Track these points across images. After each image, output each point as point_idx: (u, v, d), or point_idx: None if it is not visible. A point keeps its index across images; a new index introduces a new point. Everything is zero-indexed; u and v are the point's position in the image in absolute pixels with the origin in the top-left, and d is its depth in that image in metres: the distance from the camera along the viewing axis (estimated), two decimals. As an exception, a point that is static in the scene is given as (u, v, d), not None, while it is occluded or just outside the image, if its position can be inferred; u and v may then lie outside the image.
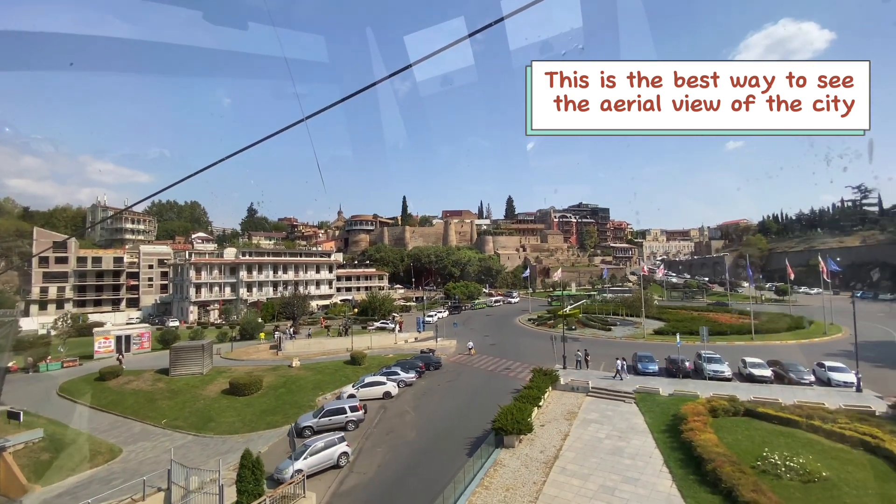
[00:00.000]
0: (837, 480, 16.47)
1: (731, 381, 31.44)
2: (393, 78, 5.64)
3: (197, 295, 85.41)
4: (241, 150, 6.46)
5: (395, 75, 5.70)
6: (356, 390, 31.98)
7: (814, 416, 21.76)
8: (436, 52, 5.13)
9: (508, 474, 18.91)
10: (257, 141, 6.32)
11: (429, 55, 5.26)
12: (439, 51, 5.09)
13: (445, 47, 5.10)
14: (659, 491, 16.90)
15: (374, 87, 5.50)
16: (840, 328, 55.40)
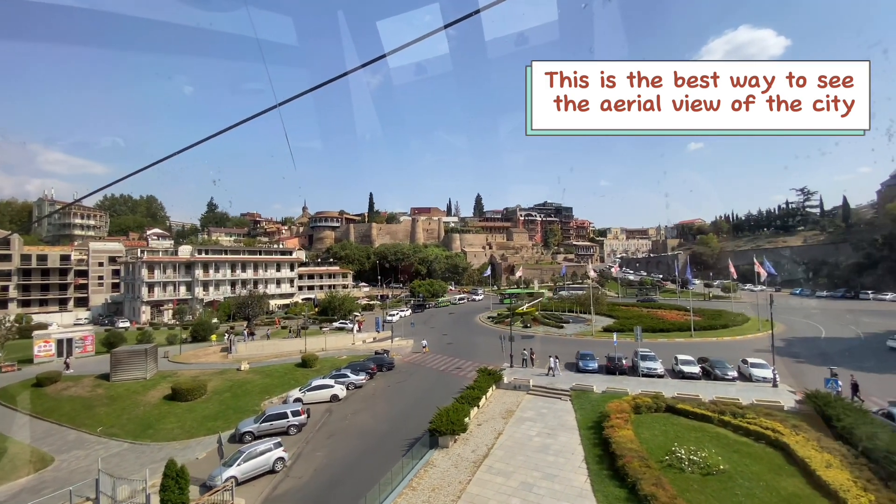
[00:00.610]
0: (734, 473, 17.98)
1: (664, 377, 33.31)
2: (365, 69, 5.52)
3: (150, 294, 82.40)
4: (205, 140, 5.99)
5: (368, 65, 5.49)
6: (303, 394, 31.98)
7: (726, 411, 23.50)
8: (408, 43, 4.93)
9: (437, 474, 19.59)
10: (223, 130, 5.90)
11: (401, 46, 5.09)
12: (412, 42, 4.88)
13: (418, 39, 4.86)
14: (574, 486, 17.96)
15: (346, 77, 5.32)
16: (775, 323, 59.20)
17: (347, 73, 5.37)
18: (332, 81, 5.32)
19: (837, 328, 55.61)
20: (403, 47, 5.14)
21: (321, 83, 5.35)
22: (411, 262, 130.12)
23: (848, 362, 36.96)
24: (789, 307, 78.06)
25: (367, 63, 5.34)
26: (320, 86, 5.35)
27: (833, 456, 18.29)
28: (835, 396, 23.66)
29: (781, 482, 17.23)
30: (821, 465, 17.34)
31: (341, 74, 5.33)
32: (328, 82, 5.33)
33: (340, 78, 5.30)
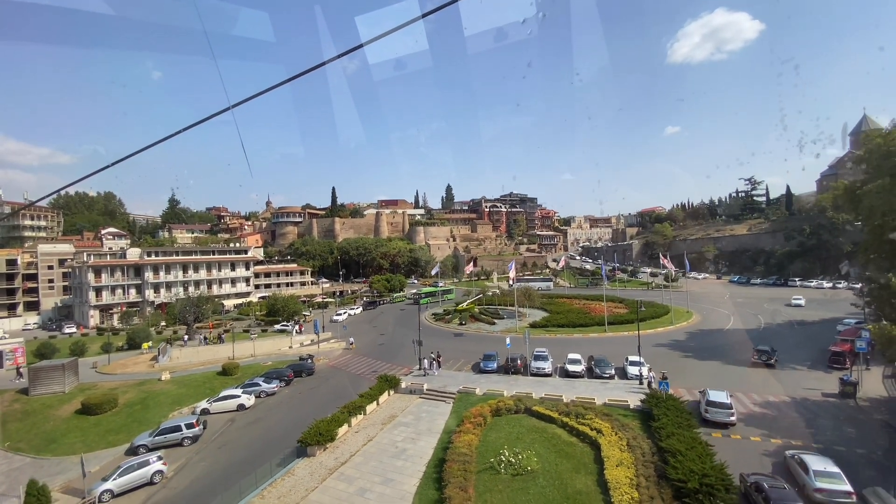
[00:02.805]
0: (541, 472, 20.68)
1: (551, 376, 36.20)
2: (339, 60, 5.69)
3: (98, 298, 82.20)
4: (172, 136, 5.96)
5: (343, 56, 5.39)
6: (210, 405, 33.85)
7: (571, 412, 26.29)
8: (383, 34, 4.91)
9: (291, 483, 21.84)
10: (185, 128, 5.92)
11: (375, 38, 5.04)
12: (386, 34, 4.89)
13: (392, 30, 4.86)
14: (402, 490, 20.42)
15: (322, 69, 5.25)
16: (691, 314, 63.25)
17: (322, 65, 5.24)
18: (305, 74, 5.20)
19: (748, 318, 59.73)
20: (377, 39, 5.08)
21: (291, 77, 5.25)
22: (373, 256, 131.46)
23: (721, 356, 40.62)
24: (719, 295, 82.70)
25: (341, 55, 5.31)
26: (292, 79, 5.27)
27: (632, 454, 21.17)
28: (666, 395, 26.72)
29: (577, 480, 19.99)
30: (612, 465, 20.16)
31: (314, 67, 5.20)
32: (299, 75, 5.22)
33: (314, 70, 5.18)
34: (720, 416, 25.81)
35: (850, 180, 47.38)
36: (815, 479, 18.51)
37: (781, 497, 17.06)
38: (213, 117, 5.70)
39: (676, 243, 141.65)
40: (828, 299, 70.01)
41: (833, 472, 18.67)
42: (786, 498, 17.05)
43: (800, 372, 36.04)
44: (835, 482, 18.28)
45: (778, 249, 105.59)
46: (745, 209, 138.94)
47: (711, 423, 25.98)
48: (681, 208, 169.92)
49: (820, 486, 18.24)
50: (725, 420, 25.79)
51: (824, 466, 19.05)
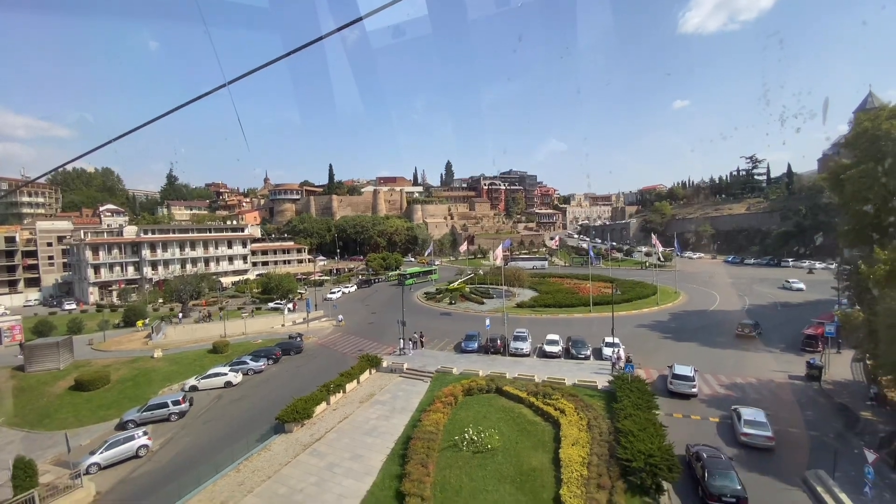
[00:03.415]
0: (500, 450, 21.75)
1: (529, 357, 37.21)
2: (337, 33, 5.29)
3: (96, 276, 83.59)
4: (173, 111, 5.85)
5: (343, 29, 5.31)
6: (198, 382, 35.15)
7: (540, 392, 27.28)
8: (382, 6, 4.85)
9: (267, 457, 23.06)
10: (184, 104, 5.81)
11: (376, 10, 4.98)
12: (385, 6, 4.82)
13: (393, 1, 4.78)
14: (370, 465, 21.57)
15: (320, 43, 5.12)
16: (679, 294, 63.96)
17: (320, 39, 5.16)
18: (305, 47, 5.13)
19: (734, 299, 60.44)
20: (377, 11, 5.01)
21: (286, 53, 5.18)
22: (370, 234, 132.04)
23: (699, 338, 41.42)
24: (711, 275, 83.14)
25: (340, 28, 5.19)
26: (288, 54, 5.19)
27: (589, 434, 22.18)
28: (632, 378, 27.63)
29: (533, 458, 21.06)
30: (567, 444, 21.17)
31: (312, 41, 5.11)
32: (298, 49, 5.16)
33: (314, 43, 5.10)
34: (683, 387, 28.39)
35: (838, 163, 47.06)
36: (744, 426, 22.62)
37: (715, 464, 18.86)
38: (211, 93, 5.72)
39: (674, 222, 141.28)
40: (822, 281, 70.39)
41: (760, 422, 22.62)
42: (718, 465, 18.86)
43: (773, 354, 36.87)
44: (759, 429, 22.28)
45: (774, 230, 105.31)
46: (745, 188, 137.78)
47: (676, 394, 28.53)
48: (681, 186, 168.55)
49: (746, 430, 22.39)
50: (687, 391, 28.29)
51: (754, 416, 23.00)
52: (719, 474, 18.27)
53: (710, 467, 18.69)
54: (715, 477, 18.21)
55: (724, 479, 18.08)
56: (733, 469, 18.72)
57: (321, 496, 19.18)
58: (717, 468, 18.60)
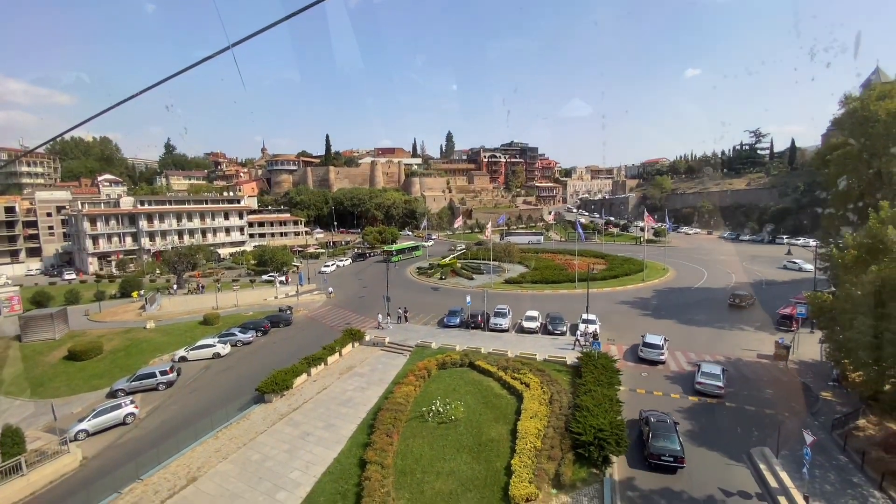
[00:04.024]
0: (464, 421, 22.88)
1: (508, 332, 38.17)
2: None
3: (95, 246, 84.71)
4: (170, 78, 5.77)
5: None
6: (187, 353, 36.46)
7: (510, 367, 28.31)
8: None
9: (245, 426, 24.37)
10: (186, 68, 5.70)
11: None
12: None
13: None
14: (340, 434, 22.80)
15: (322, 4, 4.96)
16: (667, 270, 64.49)
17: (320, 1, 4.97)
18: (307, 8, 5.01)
19: (721, 276, 60.98)
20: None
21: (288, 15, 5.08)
22: (367, 207, 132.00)
23: (677, 315, 42.19)
24: (704, 251, 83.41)
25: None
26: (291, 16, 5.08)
27: (549, 408, 23.25)
28: (598, 354, 28.54)
29: (493, 429, 22.20)
30: (527, 416, 22.22)
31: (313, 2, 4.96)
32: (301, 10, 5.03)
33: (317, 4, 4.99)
34: (651, 354, 30.99)
35: (830, 141, 46.48)
36: (700, 376, 26.45)
37: (659, 427, 20.50)
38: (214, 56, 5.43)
39: (673, 197, 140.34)
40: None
41: (714, 374, 26.31)
42: (662, 428, 20.45)
43: (747, 332, 37.66)
44: (712, 380, 25.91)
45: (772, 206, 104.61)
46: (747, 163, 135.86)
47: (645, 360, 31.10)
48: (683, 160, 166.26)
49: (701, 380, 26.19)
50: (655, 358, 30.85)
51: (710, 370, 26.66)
52: (662, 436, 19.92)
53: (654, 430, 20.37)
54: (658, 438, 19.88)
55: (665, 441, 19.70)
56: (675, 432, 20.27)
57: (290, 462, 20.46)
58: (660, 431, 20.23)
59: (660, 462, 19.30)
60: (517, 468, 18.31)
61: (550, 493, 17.72)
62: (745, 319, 40.50)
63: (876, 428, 23.06)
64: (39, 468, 21.41)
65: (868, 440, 22.12)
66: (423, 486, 18.20)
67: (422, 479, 18.55)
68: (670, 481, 18.82)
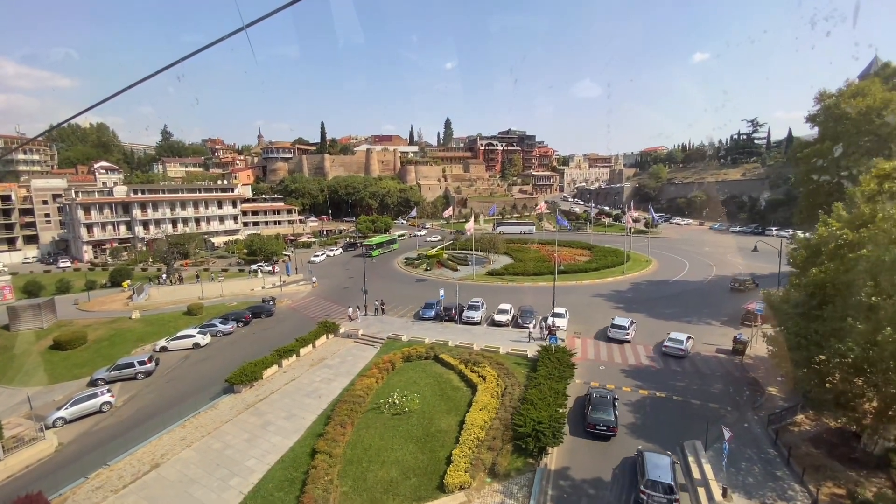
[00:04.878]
0: (417, 413, 24.05)
1: (480, 325, 39.20)
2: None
3: (89, 234, 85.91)
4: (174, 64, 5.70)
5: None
6: (168, 343, 37.77)
7: (470, 360, 29.37)
8: None
9: (212, 415, 25.65)
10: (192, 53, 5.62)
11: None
12: None
13: None
14: (299, 424, 24.04)
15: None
16: (650, 262, 65.21)
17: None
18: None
19: (702, 268, 61.69)
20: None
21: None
22: (362, 196, 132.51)
23: (648, 309, 43.05)
24: (692, 242, 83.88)
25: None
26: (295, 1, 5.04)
27: (500, 400, 24.38)
28: (556, 348, 29.59)
29: (443, 420, 23.37)
30: (476, 409, 23.36)
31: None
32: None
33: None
34: (618, 334, 34.74)
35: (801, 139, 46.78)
36: (667, 341, 32.61)
37: (598, 401, 23.34)
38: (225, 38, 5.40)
39: (668, 187, 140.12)
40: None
41: (679, 339, 32.38)
42: (601, 402, 23.25)
43: (712, 327, 38.56)
44: (677, 344, 32.08)
45: (765, 197, 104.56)
46: (743, 153, 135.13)
47: (613, 339, 34.90)
48: (681, 149, 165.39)
49: (667, 344, 32.28)
50: (621, 338, 34.61)
51: (677, 336, 32.90)
52: (599, 409, 22.71)
53: (594, 403, 23.23)
54: (596, 411, 22.64)
55: (602, 413, 22.48)
56: (612, 406, 23.11)
57: (249, 451, 21.73)
58: (599, 404, 23.05)
59: (595, 431, 22.12)
60: (456, 458, 19.48)
61: (485, 481, 18.91)
62: (714, 314, 41.35)
63: (812, 423, 24.15)
64: (16, 454, 22.78)
65: (801, 435, 23.21)
66: (367, 474, 19.43)
67: (367, 468, 19.77)
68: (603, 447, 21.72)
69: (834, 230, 20.06)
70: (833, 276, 19.32)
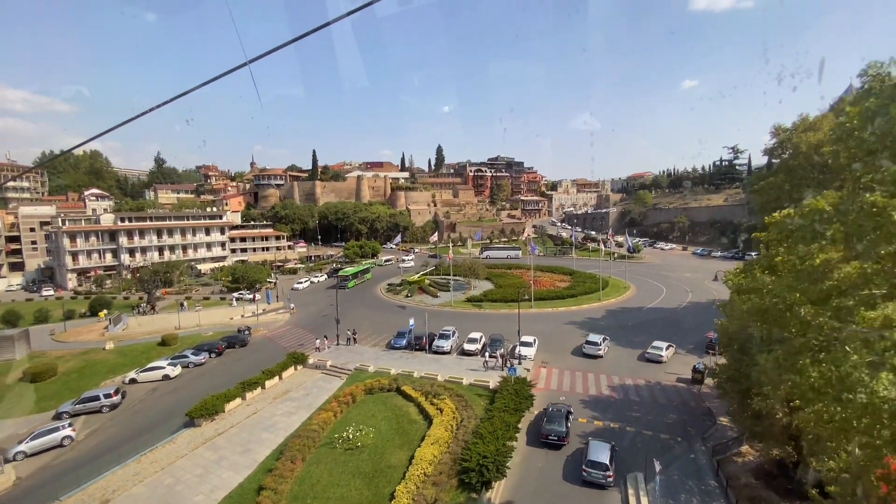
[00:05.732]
0: (370, 448, 24.39)
1: (450, 354, 39.71)
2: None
3: (74, 262, 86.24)
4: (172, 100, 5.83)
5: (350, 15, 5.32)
6: (137, 375, 37.97)
7: (431, 392, 29.84)
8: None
9: (169, 450, 25.84)
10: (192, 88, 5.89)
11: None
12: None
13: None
14: (253, 459, 24.29)
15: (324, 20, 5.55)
16: (628, 288, 66.17)
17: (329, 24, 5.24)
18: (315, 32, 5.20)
19: (678, 294, 62.69)
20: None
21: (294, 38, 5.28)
22: (351, 221, 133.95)
23: (617, 337, 43.56)
24: (672, 268, 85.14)
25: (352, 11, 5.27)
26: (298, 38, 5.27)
27: (453, 434, 24.81)
28: (515, 379, 30.14)
29: (395, 455, 23.73)
30: (428, 443, 23.75)
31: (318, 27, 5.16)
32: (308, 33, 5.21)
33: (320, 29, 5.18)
34: (591, 350, 38.34)
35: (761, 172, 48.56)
36: (650, 348, 38.10)
37: (552, 414, 25.81)
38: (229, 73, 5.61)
39: (653, 212, 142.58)
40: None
41: (659, 346, 37.88)
42: (554, 415, 25.67)
43: (678, 356, 39.18)
44: (657, 351, 37.48)
45: (744, 222, 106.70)
46: (726, 178, 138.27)
47: (588, 355, 38.25)
48: (666, 175, 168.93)
49: (650, 351, 37.84)
50: (594, 353, 38.17)
51: (658, 342, 38.57)
52: (553, 421, 25.19)
53: (548, 416, 25.74)
54: (549, 422, 25.13)
55: (554, 424, 24.94)
56: (565, 419, 25.39)
57: (198, 486, 21.96)
58: (553, 417, 25.50)
59: (548, 440, 24.64)
60: (399, 494, 19.83)
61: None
62: (682, 342, 42.01)
63: (756, 454, 24.65)
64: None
65: (744, 466, 23.73)
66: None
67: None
68: (556, 455, 24.07)
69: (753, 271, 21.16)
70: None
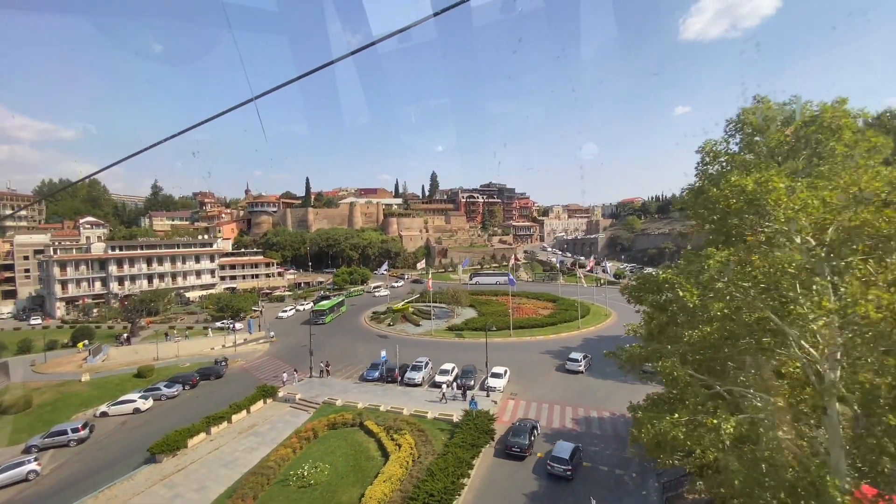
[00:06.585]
0: (323, 485, 24.67)
1: (421, 386, 40.08)
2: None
3: (63, 291, 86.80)
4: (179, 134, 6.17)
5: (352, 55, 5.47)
6: (109, 408, 38.22)
7: (392, 427, 30.17)
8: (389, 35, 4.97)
9: (127, 486, 26.06)
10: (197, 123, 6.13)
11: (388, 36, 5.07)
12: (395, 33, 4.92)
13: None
14: (207, 497, 24.52)
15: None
16: (609, 315, 66.68)
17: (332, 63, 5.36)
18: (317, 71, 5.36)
19: (658, 324, 63.11)
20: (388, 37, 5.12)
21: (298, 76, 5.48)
22: (343, 248, 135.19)
23: (592, 368, 43.93)
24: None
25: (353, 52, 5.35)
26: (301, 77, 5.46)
27: (407, 470, 25.13)
28: (476, 413, 30.55)
29: (346, 493, 24.00)
30: (381, 480, 24.05)
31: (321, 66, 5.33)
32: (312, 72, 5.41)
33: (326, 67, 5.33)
34: (573, 366, 42.61)
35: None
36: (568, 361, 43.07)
37: (516, 429, 28.82)
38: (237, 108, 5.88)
39: (641, 237, 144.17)
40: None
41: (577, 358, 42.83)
42: (519, 429, 28.57)
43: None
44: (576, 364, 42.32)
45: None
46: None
47: (570, 371, 42.46)
48: (654, 200, 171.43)
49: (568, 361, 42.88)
50: (575, 369, 42.34)
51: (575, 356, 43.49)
52: (518, 435, 27.89)
53: (513, 430, 28.78)
54: (514, 435, 27.94)
55: (518, 437, 27.67)
56: (529, 432, 28.09)
57: (149, 526, 22.19)
58: (517, 430, 28.40)
59: (512, 452, 27.23)
60: (343, 533, 20.14)
61: (366, 557, 19.50)
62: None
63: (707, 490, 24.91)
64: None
65: (694, 503, 24.02)
66: (254, 550, 19.96)
67: (256, 544, 20.32)
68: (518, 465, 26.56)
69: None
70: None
